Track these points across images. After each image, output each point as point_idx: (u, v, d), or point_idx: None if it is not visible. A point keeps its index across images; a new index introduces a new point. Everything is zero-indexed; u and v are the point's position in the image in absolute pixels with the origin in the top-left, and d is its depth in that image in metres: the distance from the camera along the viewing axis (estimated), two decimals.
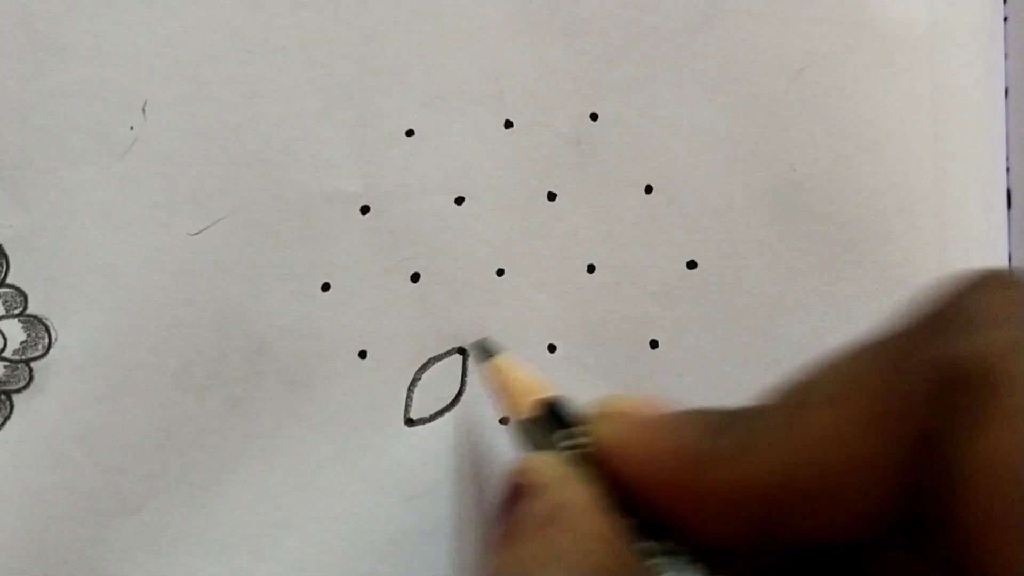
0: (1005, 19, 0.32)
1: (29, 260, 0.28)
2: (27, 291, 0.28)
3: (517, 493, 0.23)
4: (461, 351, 0.30)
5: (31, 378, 0.28)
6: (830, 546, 0.21)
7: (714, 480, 0.21)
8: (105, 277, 0.28)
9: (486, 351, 0.28)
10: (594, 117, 0.30)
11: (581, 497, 0.22)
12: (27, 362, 0.28)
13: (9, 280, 0.28)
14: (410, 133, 0.30)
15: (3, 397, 0.28)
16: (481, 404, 0.30)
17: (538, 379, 0.27)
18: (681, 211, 0.30)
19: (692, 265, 0.31)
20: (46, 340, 0.28)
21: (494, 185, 0.30)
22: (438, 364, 0.30)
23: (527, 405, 0.26)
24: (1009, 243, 0.32)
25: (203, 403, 0.28)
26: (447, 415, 0.30)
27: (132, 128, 0.28)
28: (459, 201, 0.30)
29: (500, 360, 0.28)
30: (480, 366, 0.29)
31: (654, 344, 0.30)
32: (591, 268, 0.30)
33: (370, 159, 0.29)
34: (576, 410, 0.25)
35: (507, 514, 0.23)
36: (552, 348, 0.30)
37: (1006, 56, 0.31)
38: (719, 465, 0.21)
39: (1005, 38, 0.32)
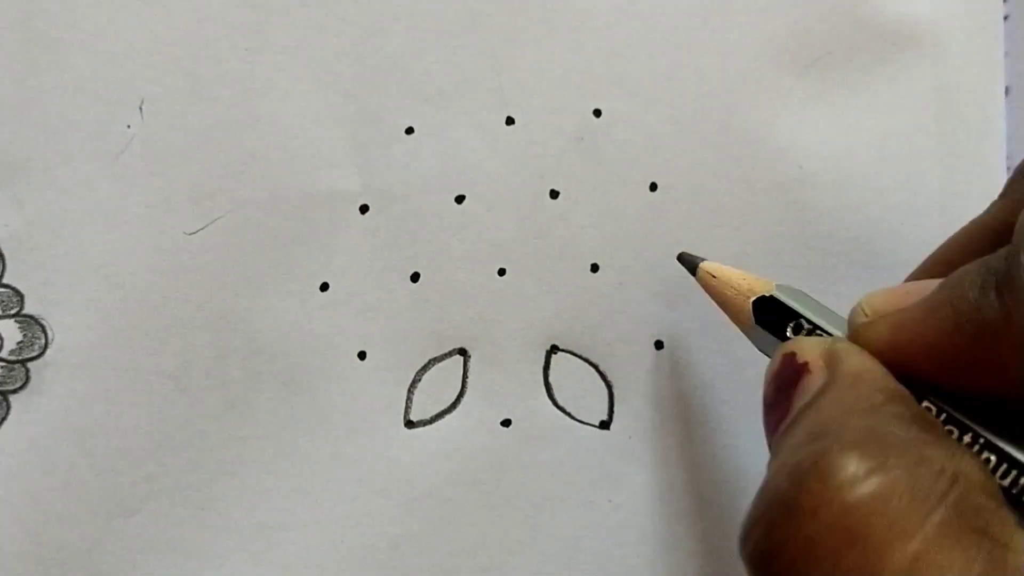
0: (1005, 18, 0.31)
1: (25, 260, 0.28)
2: (23, 291, 0.28)
3: (797, 372, 0.22)
4: (462, 352, 0.29)
5: (28, 379, 0.27)
6: None
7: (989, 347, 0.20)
8: (102, 277, 0.28)
9: (690, 262, 0.28)
10: (597, 113, 0.30)
11: (870, 364, 0.21)
12: (23, 362, 0.27)
13: (5, 280, 0.28)
14: (410, 131, 0.29)
15: (0, 398, 0.27)
16: (481, 405, 0.29)
17: (755, 278, 0.26)
18: (686, 209, 0.30)
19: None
20: (42, 340, 0.28)
21: (495, 183, 0.29)
22: (438, 365, 0.29)
23: (748, 307, 0.26)
24: None
25: (201, 404, 0.28)
26: (447, 417, 0.29)
27: (129, 127, 0.28)
28: (459, 200, 0.29)
29: (708, 266, 0.27)
30: (693, 279, 0.28)
31: (659, 344, 0.30)
32: (594, 267, 0.30)
33: (369, 158, 0.29)
34: (803, 298, 0.25)
35: (788, 396, 0.22)
36: (555, 349, 0.30)
37: (1006, 55, 0.31)
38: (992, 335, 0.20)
39: (1005, 37, 0.31)
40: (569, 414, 0.30)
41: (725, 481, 0.30)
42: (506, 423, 0.29)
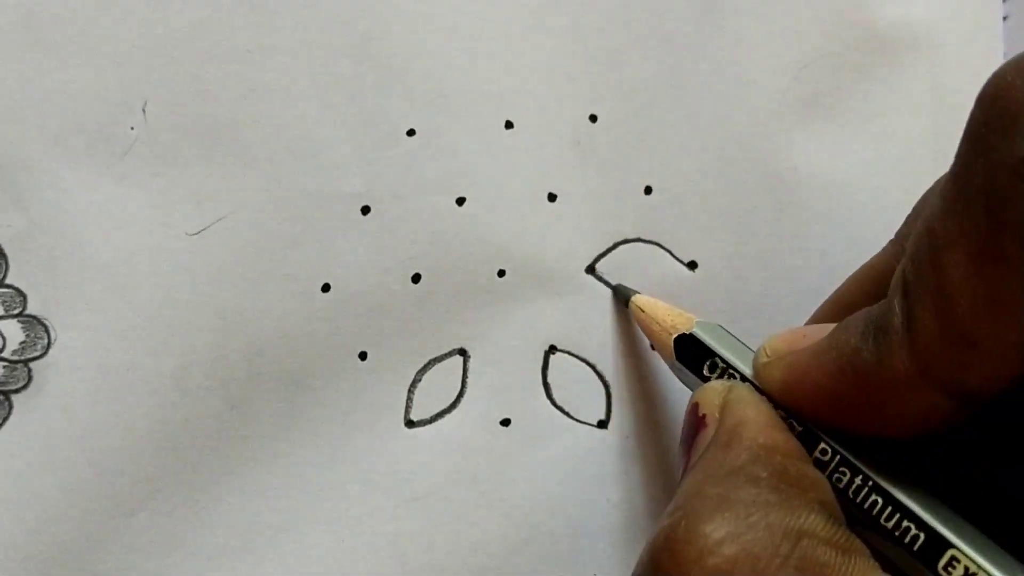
0: (1005, 18, 0.32)
1: (28, 260, 0.28)
2: (26, 291, 0.28)
3: (696, 425, 0.24)
4: (462, 352, 0.30)
5: (30, 379, 0.27)
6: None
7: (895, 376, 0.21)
8: (104, 277, 0.28)
9: (622, 294, 0.29)
10: (593, 118, 0.30)
11: (754, 415, 0.23)
12: (26, 362, 0.27)
13: (8, 280, 0.28)
14: (411, 133, 0.29)
15: (2, 398, 0.27)
16: (481, 405, 0.29)
17: (679, 313, 0.28)
18: (681, 212, 0.30)
19: (693, 266, 0.30)
20: (45, 340, 0.28)
21: (495, 186, 0.30)
22: (438, 365, 0.30)
23: (671, 343, 0.27)
24: None
25: (202, 404, 0.28)
26: (447, 416, 0.29)
27: (132, 128, 0.28)
28: (460, 201, 0.30)
29: (638, 299, 0.29)
30: (624, 310, 0.29)
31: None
32: (591, 269, 0.30)
33: (371, 159, 0.29)
34: (719, 334, 0.26)
35: (690, 447, 0.24)
36: (553, 349, 0.30)
37: (1005, 55, 0.32)
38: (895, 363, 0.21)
39: (1005, 37, 0.32)
40: (568, 414, 0.30)
41: None
42: (506, 423, 0.30)
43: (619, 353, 0.30)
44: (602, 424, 0.30)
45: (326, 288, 0.29)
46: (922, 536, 0.22)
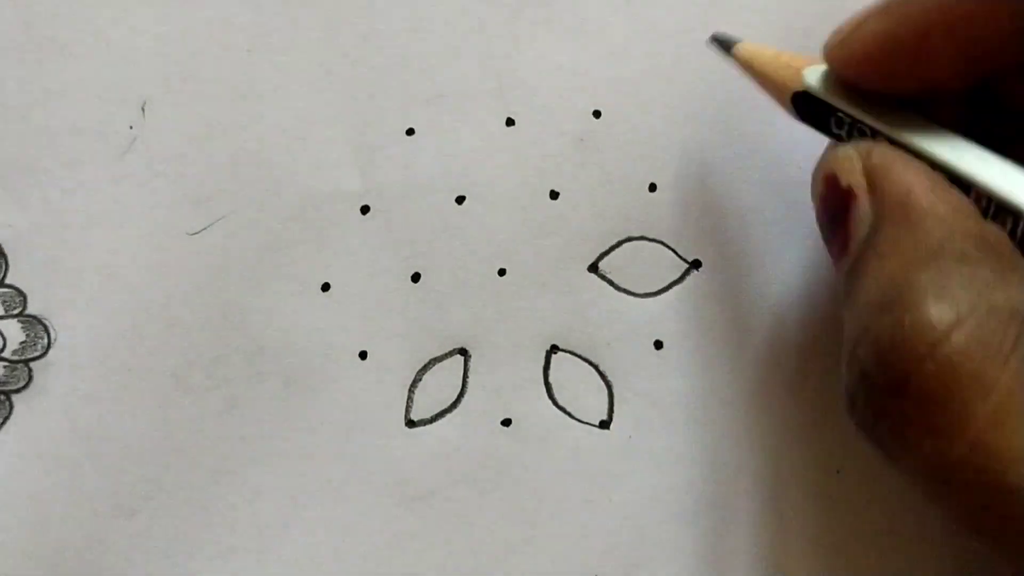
0: None
1: (28, 260, 0.28)
2: (26, 291, 0.28)
3: (843, 199, 0.23)
4: (462, 352, 0.29)
5: (30, 378, 0.28)
6: None
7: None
8: (104, 277, 0.28)
9: (724, 43, 0.27)
10: (596, 114, 0.30)
11: (917, 178, 0.22)
12: (26, 362, 0.28)
13: (8, 280, 0.28)
14: (410, 132, 0.29)
15: (2, 397, 0.28)
16: (481, 405, 0.29)
17: (781, 57, 0.26)
18: (686, 209, 0.30)
19: (697, 264, 0.30)
20: (45, 340, 0.28)
21: (495, 184, 0.30)
22: (439, 365, 0.29)
23: (793, 84, 0.25)
24: None
25: (202, 404, 0.28)
26: (448, 416, 0.29)
27: (132, 128, 0.28)
28: (460, 200, 0.30)
29: (744, 47, 0.27)
30: (728, 58, 0.27)
31: (658, 344, 0.30)
32: (594, 267, 0.30)
33: (370, 158, 0.29)
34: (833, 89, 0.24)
35: (844, 226, 0.23)
36: (555, 349, 0.30)
37: None
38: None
39: None
40: (569, 414, 0.30)
41: (725, 481, 0.30)
42: (506, 423, 0.29)
43: (621, 353, 0.30)
44: (604, 424, 0.30)
45: (326, 287, 0.29)
46: None
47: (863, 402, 0.20)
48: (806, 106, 0.25)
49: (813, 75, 0.24)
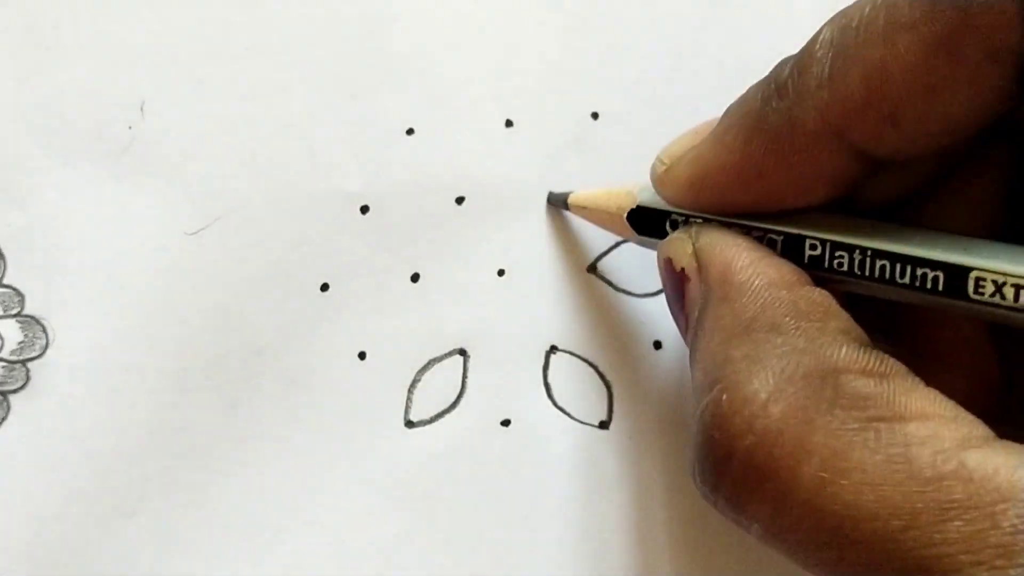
0: None
1: (26, 260, 0.28)
2: (24, 291, 0.28)
3: (678, 281, 0.24)
4: (461, 352, 0.29)
5: (28, 379, 0.27)
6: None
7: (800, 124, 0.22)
8: (103, 277, 0.28)
9: (557, 201, 0.29)
10: (595, 116, 0.30)
11: (735, 253, 0.23)
12: (24, 363, 0.27)
13: (6, 280, 0.28)
14: (410, 132, 0.29)
15: (1, 398, 0.27)
16: (481, 405, 0.29)
17: (616, 193, 0.27)
18: None
19: None
20: (43, 341, 0.28)
21: (494, 184, 0.30)
22: (438, 365, 0.29)
23: (627, 224, 0.26)
24: None
25: (201, 404, 0.28)
26: (447, 417, 0.29)
27: (130, 127, 0.28)
28: (459, 201, 0.30)
29: (576, 197, 0.28)
30: (563, 214, 0.29)
31: (658, 345, 0.30)
32: (593, 268, 0.30)
33: (370, 159, 0.29)
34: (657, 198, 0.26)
35: (682, 307, 0.24)
36: (554, 349, 0.30)
37: None
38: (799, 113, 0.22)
39: None
40: (569, 414, 0.30)
41: None
42: (506, 423, 0.29)
43: (621, 353, 0.30)
44: (604, 425, 0.30)
45: (325, 288, 0.29)
46: (941, 275, 0.21)
47: (700, 476, 0.21)
48: (642, 221, 0.26)
49: (645, 193, 0.26)
